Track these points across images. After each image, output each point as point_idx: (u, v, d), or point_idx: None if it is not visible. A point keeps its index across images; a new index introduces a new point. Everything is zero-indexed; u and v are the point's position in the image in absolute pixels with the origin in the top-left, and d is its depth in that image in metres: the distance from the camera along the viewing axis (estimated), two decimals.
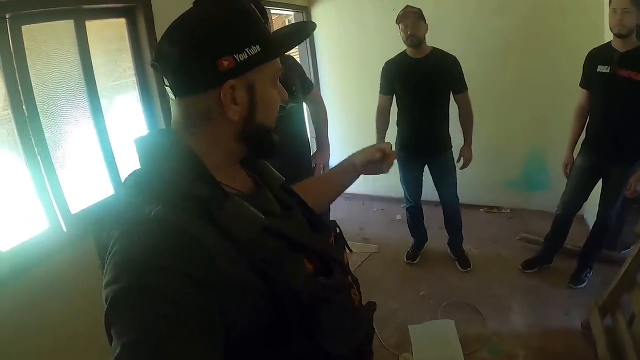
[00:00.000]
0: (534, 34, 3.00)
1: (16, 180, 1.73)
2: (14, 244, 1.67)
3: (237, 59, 0.59)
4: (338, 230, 0.84)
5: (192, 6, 0.63)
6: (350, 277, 0.77)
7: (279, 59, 0.67)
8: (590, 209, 2.48)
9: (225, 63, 0.58)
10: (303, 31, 0.73)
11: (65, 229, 1.86)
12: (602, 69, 2.15)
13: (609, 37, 2.29)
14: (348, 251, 0.85)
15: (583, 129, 2.39)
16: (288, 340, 0.59)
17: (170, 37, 0.60)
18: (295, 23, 0.77)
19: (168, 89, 0.63)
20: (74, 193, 1.91)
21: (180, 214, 0.56)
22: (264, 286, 0.57)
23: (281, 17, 4.24)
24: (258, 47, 0.61)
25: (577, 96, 2.37)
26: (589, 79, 2.27)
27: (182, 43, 0.59)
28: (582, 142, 2.39)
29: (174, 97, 0.63)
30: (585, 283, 2.47)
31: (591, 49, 2.25)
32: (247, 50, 0.59)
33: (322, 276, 0.66)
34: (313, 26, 0.75)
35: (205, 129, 0.63)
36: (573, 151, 2.43)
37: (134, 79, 2.27)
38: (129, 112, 2.27)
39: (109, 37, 2.19)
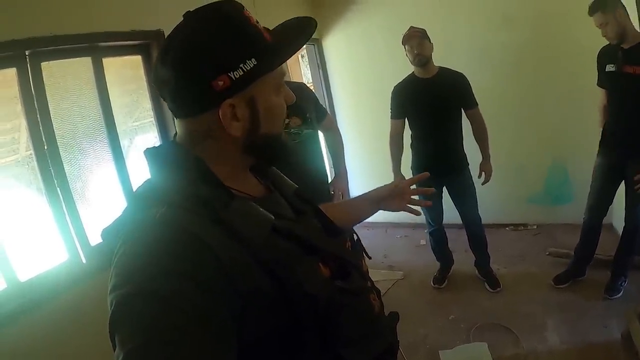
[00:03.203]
0: (544, 44, 3.00)
1: (37, 212, 1.80)
2: (33, 274, 1.71)
3: (232, 76, 0.57)
4: (355, 237, 0.82)
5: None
6: (369, 283, 0.74)
7: (284, 65, 0.64)
8: (618, 214, 2.40)
9: (220, 83, 0.56)
10: (303, 32, 0.66)
11: (84, 260, 1.89)
12: (609, 67, 2.16)
13: None
14: (366, 258, 0.82)
15: None
16: (303, 347, 0.56)
17: (163, 60, 0.58)
18: (292, 19, 0.69)
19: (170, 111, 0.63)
20: (94, 225, 1.94)
21: (185, 215, 0.54)
22: (276, 289, 0.54)
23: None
24: (253, 60, 0.58)
25: (592, 101, 2.37)
26: (601, 79, 2.28)
27: (175, 67, 0.58)
28: (600, 141, 2.36)
29: (175, 118, 0.64)
30: (621, 292, 2.34)
31: (601, 48, 2.26)
32: (241, 66, 0.57)
33: (339, 280, 0.63)
34: (312, 22, 0.67)
35: (209, 144, 0.62)
36: None
37: (153, 119, 2.36)
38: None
39: (127, 76, 2.29)
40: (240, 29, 0.59)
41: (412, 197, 1.05)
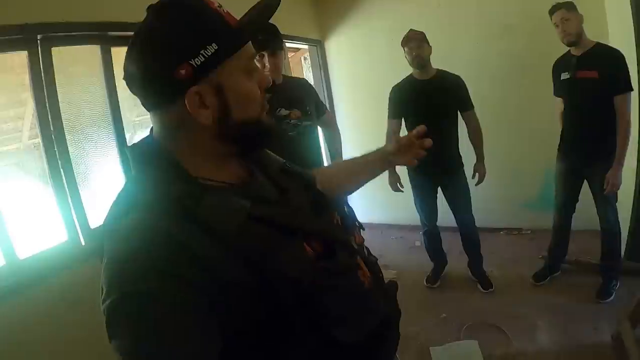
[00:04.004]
0: (541, 52, 3.00)
1: (39, 193, 1.84)
2: (32, 253, 1.73)
3: (194, 64, 0.56)
4: (347, 209, 0.82)
5: None
6: (359, 257, 0.74)
7: (249, 46, 0.63)
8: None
9: (182, 71, 0.56)
10: (264, 12, 0.65)
11: (83, 242, 1.91)
12: (564, 75, 2.29)
13: (613, 45, 2.37)
14: (361, 229, 0.81)
15: None
16: (291, 333, 0.57)
17: (130, 55, 0.59)
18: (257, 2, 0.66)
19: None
20: (95, 208, 1.97)
21: (160, 216, 0.55)
22: (256, 278, 0.54)
23: (297, 54, 4.49)
24: (214, 45, 0.57)
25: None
26: (557, 88, 2.41)
27: (139, 60, 0.58)
28: (558, 147, 2.49)
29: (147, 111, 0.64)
30: (613, 296, 2.37)
31: (555, 60, 2.41)
32: (202, 52, 0.56)
33: (324, 260, 0.63)
34: (274, 2, 0.64)
35: (182, 134, 0.62)
36: None
37: None
38: None
39: None
40: (199, 16, 0.58)
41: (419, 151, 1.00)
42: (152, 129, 0.66)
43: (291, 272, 0.56)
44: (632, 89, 2.11)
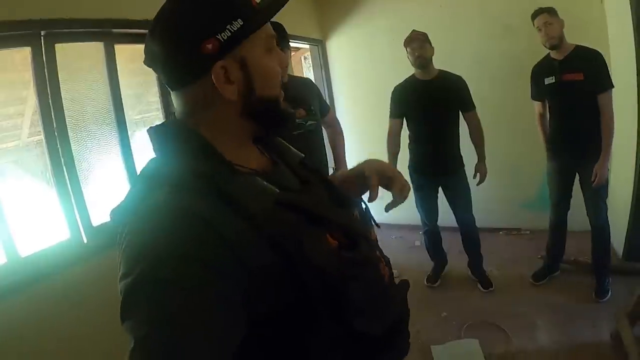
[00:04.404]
0: (542, 53, 2.99)
1: (41, 191, 1.82)
2: (34, 251, 1.72)
3: (220, 38, 0.57)
4: (364, 206, 0.81)
5: None
6: (378, 252, 0.74)
7: (269, 25, 0.64)
8: (610, 221, 2.47)
9: (209, 46, 0.57)
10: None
11: (85, 240, 1.91)
12: (548, 80, 2.36)
13: (614, 50, 2.40)
14: (375, 227, 0.81)
15: None
16: (314, 321, 0.56)
17: (152, 34, 0.59)
18: None
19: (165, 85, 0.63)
20: (97, 206, 1.96)
21: (188, 194, 0.54)
22: (282, 263, 0.54)
23: (297, 53, 4.48)
24: (239, 20, 0.59)
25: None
26: (540, 92, 2.48)
27: (163, 37, 0.58)
28: (547, 148, 2.56)
29: (170, 91, 0.64)
30: (609, 293, 2.41)
31: (533, 66, 2.49)
32: (228, 27, 0.58)
33: (346, 250, 0.62)
34: None
35: (207, 114, 0.62)
36: None
37: (158, 112, 2.38)
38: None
39: (134, 68, 2.31)
40: None
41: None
42: (172, 114, 0.66)
43: (317, 259, 0.56)
44: (613, 86, 2.21)
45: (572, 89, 2.26)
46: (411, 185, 2.72)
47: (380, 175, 0.84)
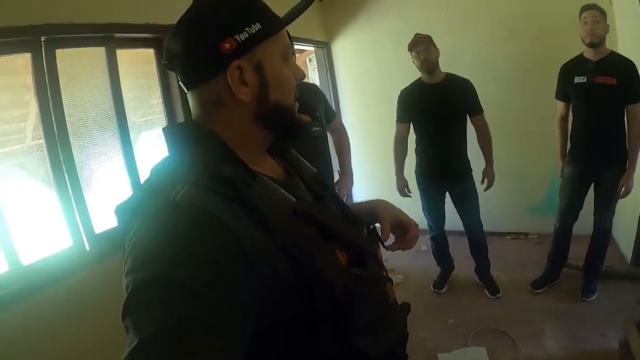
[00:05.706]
0: (547, 55, 3.03)
1: (43, 198, 1.80)
2: (36, 259, 1.70)
3: (238, 38, 0.59)
4: (372, 226, 0.81)
5: None
6: (385, 272, 0.74)
7: (286, 35, 0.66)
8: (619, 226, 2.44)
9: (227, 45, 0.58)
10: (295, 11, 0.73)
11: (87, 248, 1.88)
12: (578, 79, 2.27)
13: (622, 52, 2.34)
14: (382, 247, 0.80)
15: (567, 138, 2.49)
16: (317, 335, 0.55)
17: (174, 33, 0.62)
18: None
19: (182, 84, 0.64)
20: (99, 213, 1.94)
21: (206, 195, 0.53)
22: (294, 274, 0.54)
23: (302, 55, 4.46)
24: (258, 24, 0.60)
25: None
26: (566, 91, 2.39)
27: (184, 36, 0.60)
28: (568, 151, 2.48)
29: (186, 90, 0.64)
30: (596, 294, 2.42)
31: (564, 63, 2.40)
32: (247, 29, 0.59)
33: (355, 268, 0.62)
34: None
35: (221, 115, 0.63)
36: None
37: (161, 115, 2.36)
38: (156, 144, 2.33)
39: (137, 71, 2.31)
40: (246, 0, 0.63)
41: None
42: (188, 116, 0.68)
43: (328, 274, 0.56)
44: None
45: (601, 92, 2.19)
46: (418, 190, 2.73)
47: (396, 223, 0.86)
